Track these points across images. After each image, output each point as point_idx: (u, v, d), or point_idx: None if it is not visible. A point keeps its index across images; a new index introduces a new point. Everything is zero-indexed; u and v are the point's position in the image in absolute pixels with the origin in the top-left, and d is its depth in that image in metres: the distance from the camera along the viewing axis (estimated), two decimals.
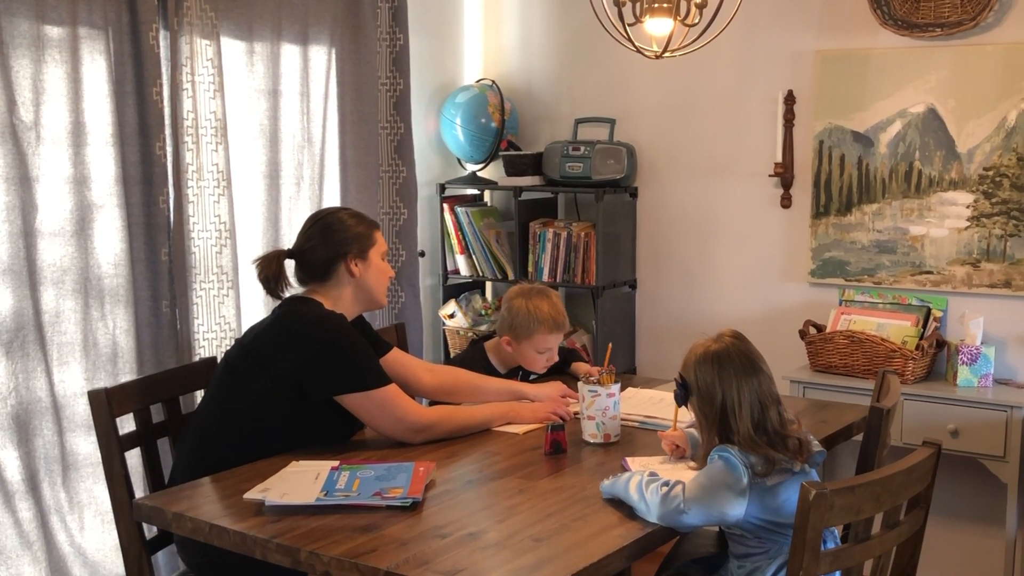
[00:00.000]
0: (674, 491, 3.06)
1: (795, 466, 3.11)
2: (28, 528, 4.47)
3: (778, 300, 5.77)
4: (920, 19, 5.19)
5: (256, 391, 3.64)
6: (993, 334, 5.19)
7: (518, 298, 4.48)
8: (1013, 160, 5.06)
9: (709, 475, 3.10)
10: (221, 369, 3.80)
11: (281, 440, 3.64)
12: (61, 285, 4.54)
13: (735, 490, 3.05)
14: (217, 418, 3.68)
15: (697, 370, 3.25)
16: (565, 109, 6.36)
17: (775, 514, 3.09)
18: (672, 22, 4.04)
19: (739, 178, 5.85)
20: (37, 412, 4.49)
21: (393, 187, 5.93)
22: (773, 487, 3.08)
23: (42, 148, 4.43)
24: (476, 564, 2.74)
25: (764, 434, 3.13)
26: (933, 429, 4.91)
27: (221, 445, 3.62)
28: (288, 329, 3.70)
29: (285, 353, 3.65)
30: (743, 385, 3.16)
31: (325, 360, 3.64)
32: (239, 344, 3.81)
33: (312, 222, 3.92)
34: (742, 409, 3.14)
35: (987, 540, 5.36)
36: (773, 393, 3.21)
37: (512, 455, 3.68)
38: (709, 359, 3.23)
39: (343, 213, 3.94)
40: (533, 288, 4.53)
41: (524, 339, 4.42)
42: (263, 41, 5.23)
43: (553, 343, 4.46)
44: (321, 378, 3.64)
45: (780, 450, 3.11)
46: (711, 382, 3.20)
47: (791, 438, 3.16)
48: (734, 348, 3.24)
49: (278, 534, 2.94)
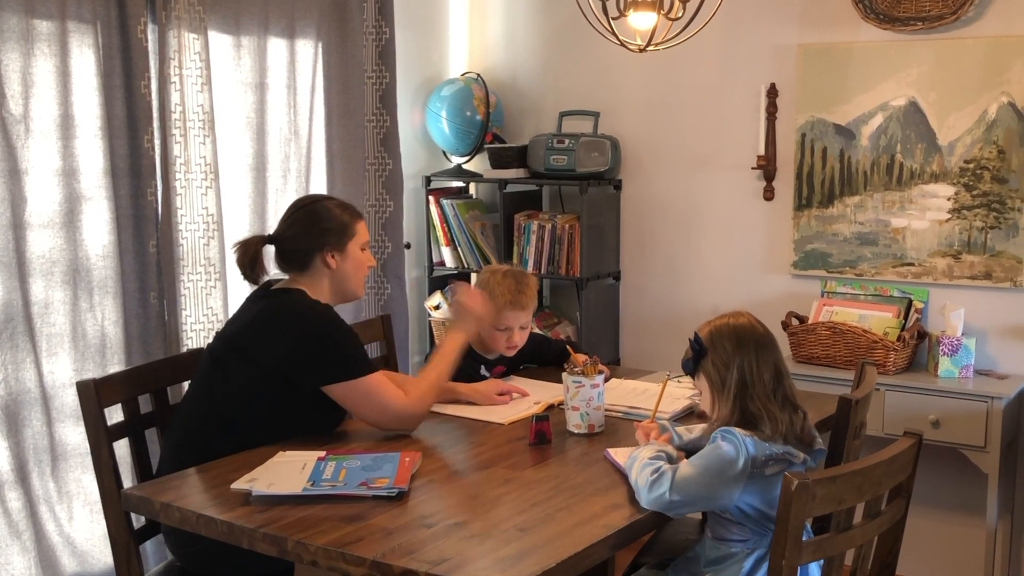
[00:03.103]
0: (663, 478, 3.05)
1: (796, 458, 3.13)
2: (17, 518, 4.49)
3: (761, 291, 5.81)
4: (901, 13, 5.23)
5: (243, 382, 3.64)
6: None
7: (487, 273, 4.48)
8: (994, 153, 5.10)
9: (703, 460, 3.10)
10: (206, 361, 3.79)
11: (268, 431, 3.64)
12: (50, 276, 4.55)
13: (729, 476, 3.06)
14: (204, 409, 3.69)
15: (713, 332, 3.26)
16: (549, 102, 6.38)
17: (770, 506, 3.10)
18: (656, 16, 4.06)
19: (722, 171, 5.88)
20: (26, 403, 4.50)
21: (379, 179, 5.95)
22: (771, 477, 3.09)
23: (31, 141, 4.45)
24: (461, 554, 2.76)
25: (782, 396, 3.17)
26: (914, 419, 4.94)
27: (209, 435, 3.63)
28: (275, 320, 3.69)
29: (272, 344, 3.64)
30: (760, 353, 3.19)
31: (311, 350, 3.63)
32: (223, 336, 3.81)
33: (295, 209, 3.92)
34: (758, 373, 3.16)
35: (968, 530, 5.40)
36: (786, 369, 3.25)
37: (497, 445, 3.70)
38: (727, 326, 3.25)
39: (328, 202, 3.93)
40: (508, 269, 4.51)
41: None
42: (250, 35, 5.24)
43: (511, 321, 4.40)
44: (308, 368, 3.64)
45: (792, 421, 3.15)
46: (728, 346, 3.21)
47: (803, 414, 3.20)
48: (750, 323, 3.27)
49: (265, 524, 2.95)
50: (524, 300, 4.41)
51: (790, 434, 3.14)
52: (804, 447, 3.18)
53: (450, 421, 4.00)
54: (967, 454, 4.95)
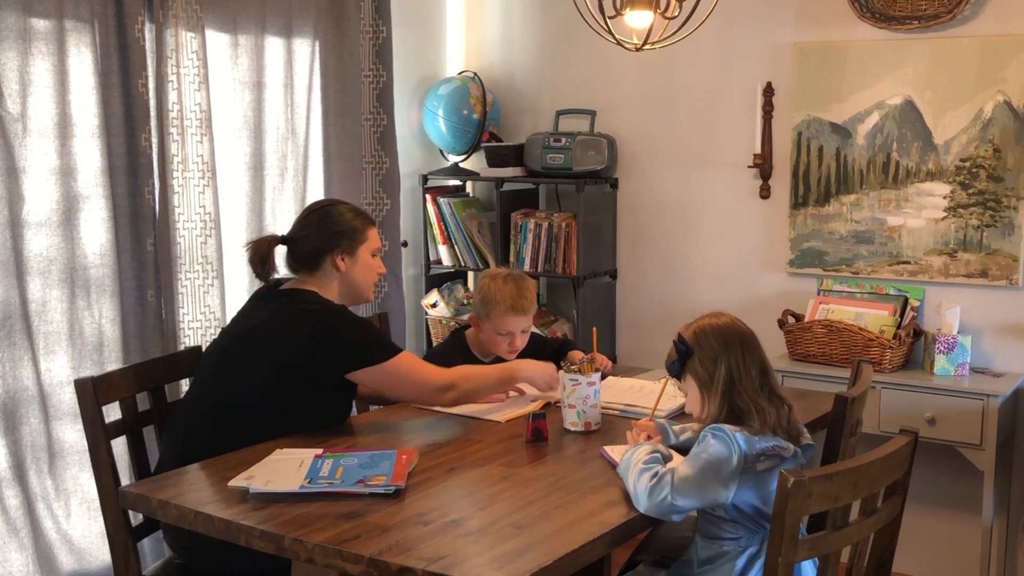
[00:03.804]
0: (662, 482, 3.06)
1: (787, 451, 3.14)
2: (15, 516, 4.50)
3: (757, 290, 5.82)
4: (897, 12, 5.24)
5: (259, 377, 3.68)
6: (970, 323, 5.24)
7: (486, 278, 4.50)
8: (989, 151, 5.11)
9: (698, 460, 3.10)
10: (215, 356, 3.81)
11: (277, 425, 3.67)
12: (47, 275, 4.56)
13: (724, 473, 3.06)
14: (212, 403, 3.71)
15: (697, 333, 3.27)
16: (546, 101, 6.39)
17: (765, 503, 3.12)
18: (652, 15, 4.06)
19: (719, 169, 5.89)
20: (24, 401, 4.51)
21: (376, 178, 5.96)
22: (763, 473, 3.11)
23: (29, 140, 4.45)
24: (458, 551, 2.77)
25: (768, 390, 3.19)
26: (910, 417, 4.96)
27: (217, 428, 3.65)
28: (293, 317, 3.73)
29: (291, 340, 3.68)
30: (746, 351, 3.22)
31: (332, 342, 3.70)
32: (234, 332, 3.83)
33: (309, 211, 4.00)
34: (744, 370, 3.18)
35: (964, 527, 5.41)
36: (770, 366, 3.28)
37: (494, 443, 3.71)
38: (710, 326, 3.28)
39: (342, 206, 4.00)
40: (508, 272, 4.53)
41: (485, 319, 4.43)
42: (247, 34, 5.25)
43: (513, 326, 4.41)
44: (330, 359, 3.70)
45: (779, 415, 3.16)
46: (712, 346, 3.23)
47: (788, 408, 3.21)
48: (732, 322, 3.30)
49: (262, 521, 2.96)
50: (525, 305, 4.43)
51: (778, 427, 3.16)
52: (792, 440, 3.19)
53: (447, 419, 4.01)
54: (963, 452, 4.96)
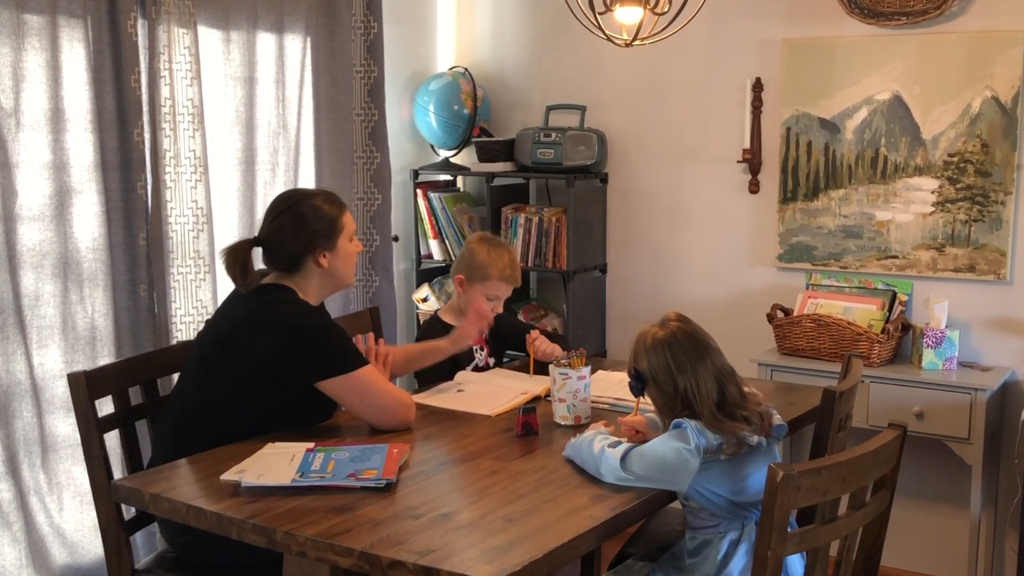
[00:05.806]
0: (619, 447, 3.21)
1: (752, 439, 3.17)
2: (7, 509, 4.50)
3: (746, 284, 5.84)
4: (886, 7, 5.25)
5: (233, 377, 3.66)
6: (957, 318, 5.26)
7: (480, 243, 4.59)
8: (977, 146, 5.13)
9: (659, 448, 3.18)
10: (196, 354, 3.81)
11: (259, 423, 3.67)
12: (40, 269, 4.56)
13: (680, 465, 3.12)
14: (196, 399, 3.71)
15: (649, 359, 3.30)
16: (536, 96, 6.40)
17: (737, 493, 3.15)
18: (642, 10, 4.08)
19: (708, 164, 5.91)
20: (16, 394, 4.52)
21: (367, 173, 5.97)
22: (730, 462, 3.14)
23: (22, 134, 4.45)
24: (449, 544, 2.79)
25: (727, 410, 3.19)
26: (899, 411, 4.98)
27: (203, 425, 3.66)
28: (264, 319, 3.68)
29: (262, 343, 3.64)
30: (698, 367, 3.21)
31: (302, 347, 3.64)
32: (212, 330, 3.82)
33: (278, 212, 3.85)
34: (701, 391, 3.18)
35: (952, 520, 5.43)
36: (727, 367, 3.27)
37: (484, 437, 3.73)
38: (660, 346, 3.28)
39: (312, 200, 3.86)
40: (496, 238, 4.67)
41: (478, 281, 4.53)
42: (239, 30, 5.26)
43: (503, 293, 4.59)
44: (300, 366, 3.65)
45: (742, 424, 3.17)
46: (666, 370, 3.25)
47: (752, 412, 3.22)
48: (680, 331, 3.30)
49: (254, 515, 2.98)
50: (517, 275, 4.63)
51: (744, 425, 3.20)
52: (761, 431, 3.22)
53: (438, 413, 4.03)
54: (951, 446, 4.98)
